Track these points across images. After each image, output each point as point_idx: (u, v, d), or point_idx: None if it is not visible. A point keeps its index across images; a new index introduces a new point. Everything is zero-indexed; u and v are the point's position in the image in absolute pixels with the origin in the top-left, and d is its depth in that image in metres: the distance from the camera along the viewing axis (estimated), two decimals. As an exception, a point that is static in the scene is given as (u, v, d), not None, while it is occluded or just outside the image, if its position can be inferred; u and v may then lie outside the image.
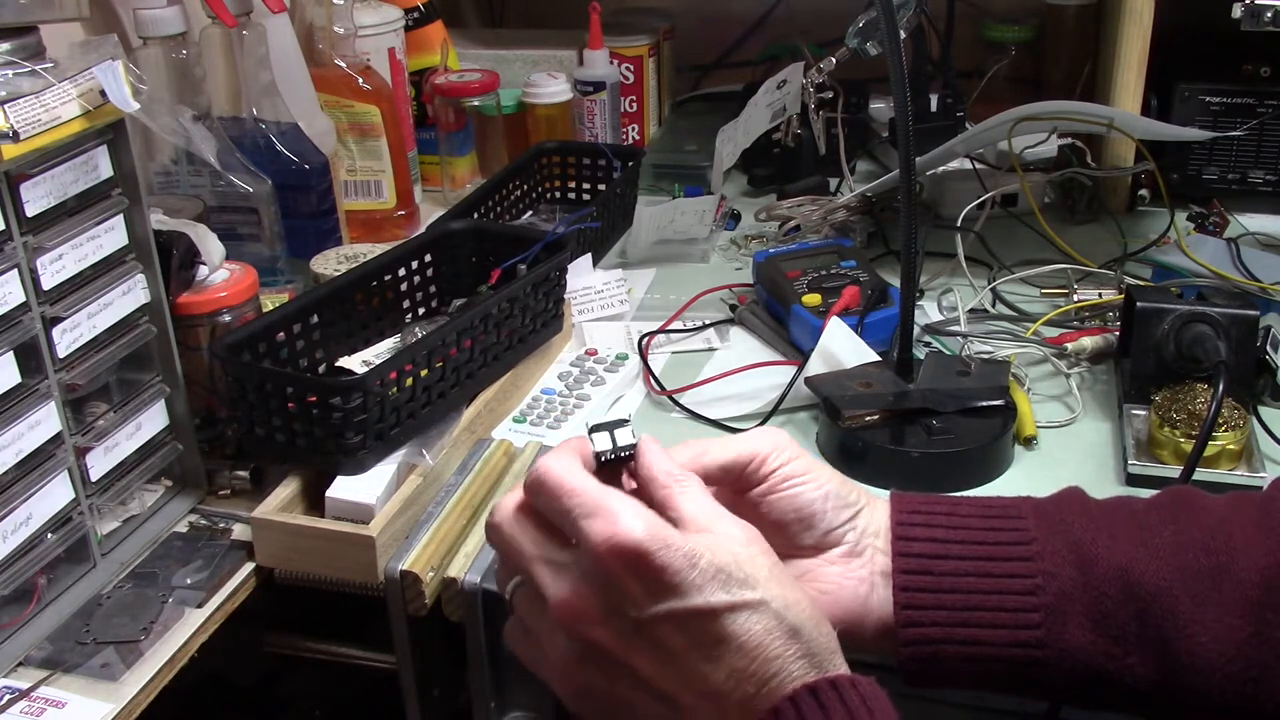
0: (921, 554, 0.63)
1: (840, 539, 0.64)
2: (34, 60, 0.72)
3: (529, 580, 0.57)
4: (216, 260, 0.90)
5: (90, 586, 0.80)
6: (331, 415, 0.81)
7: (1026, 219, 1.21)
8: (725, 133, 1.30)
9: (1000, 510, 0.64)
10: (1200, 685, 0.59)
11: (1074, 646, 0.60)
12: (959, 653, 0.61)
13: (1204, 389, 0.86)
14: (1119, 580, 0.60)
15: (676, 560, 0.53)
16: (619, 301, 1.13)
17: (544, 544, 0.57)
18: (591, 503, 0.54)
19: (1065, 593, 0.60)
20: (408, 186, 1.29)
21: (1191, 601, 0.59)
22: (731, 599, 0.53)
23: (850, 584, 0.63)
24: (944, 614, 0.61)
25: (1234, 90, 1.24)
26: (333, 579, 0.81)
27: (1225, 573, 0.59)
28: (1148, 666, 0.59)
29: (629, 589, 0.53)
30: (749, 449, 0.64)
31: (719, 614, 0.53)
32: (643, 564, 0.53)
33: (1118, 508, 0.64)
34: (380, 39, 1.30)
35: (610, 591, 0.54)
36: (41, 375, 0.75)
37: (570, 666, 0.57)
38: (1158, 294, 0.94)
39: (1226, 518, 0.62)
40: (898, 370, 0.91)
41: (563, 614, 0.55)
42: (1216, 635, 0.58)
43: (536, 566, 0.56)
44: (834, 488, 0.64)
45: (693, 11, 1.65)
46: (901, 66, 0.79)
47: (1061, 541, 0.62)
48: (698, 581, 0.53)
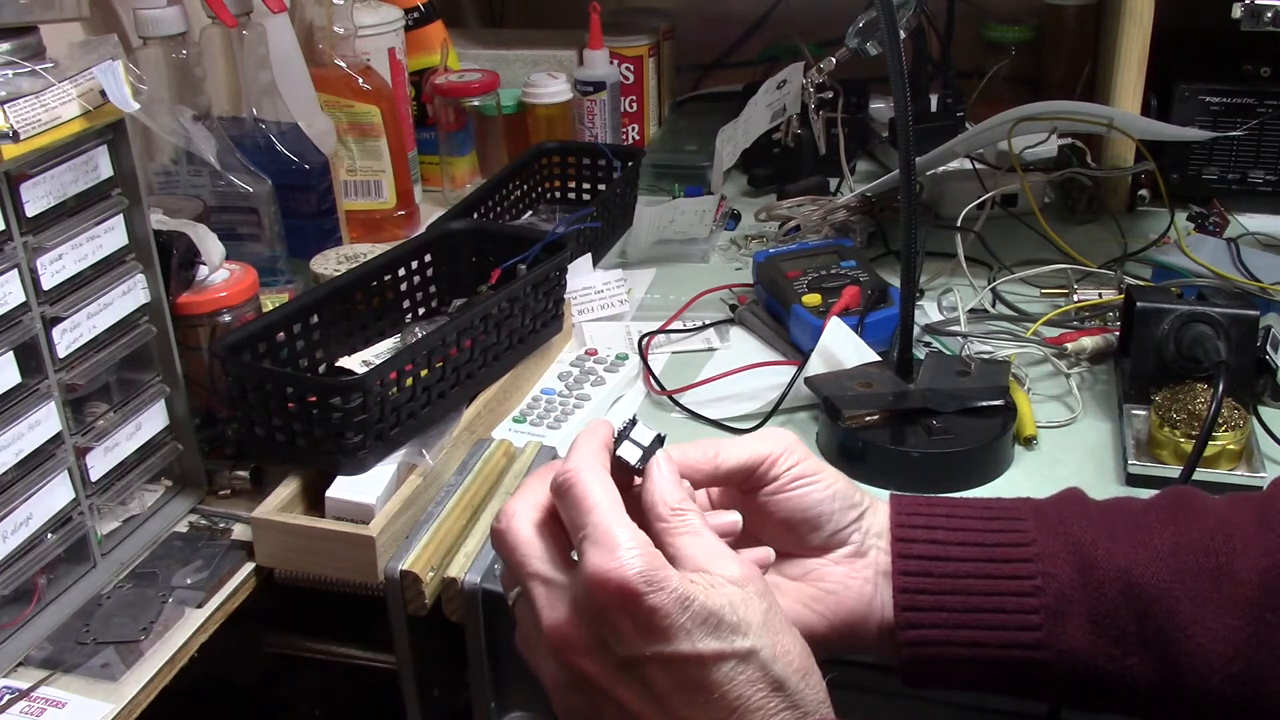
0: (921, 555, 0.63)
1: (846, 539, 0.64)
2: (34, 60, 0.72)
3: (525, 596, 0.57)
4: (216, 260, 0.90)
5: (90, 586, 0.80)
6: (331, 415, 0.81)
7: (1026, 219, 1.21)
8: (725, 133, 1.30)
9: (1000, 512, 0.64)
10: (1200, 686, 0.59)
11: (1074, 647, 0.60)
12: (959, 654, 0.61)
13: (1204, 389, 0.86)
14: (1119, 582, 0.60)
15: (668, 603, 0.52)
16: (619, 301, 1.13)
17: (545, 561, 0.57)
18: (601, 530, 0.54)
19: (1065, 594, 0.60)
20: (408, 186, 1.29)
21: (1191, 602, 0.59)
22: (720, 647, 0.53)
23: (855, 584, 0.63)
24: (944, 615, 0.61)
25: (1234, 90, 1.24)
26: (333, 579, 0.81)
27: (1224, 573, 0.59)
28: (1147, 667, 0.59)
29: (619, 626, 0.53)
30: (761, 450, 0.64)
31: (705, 662, 0.53)
32: (634, 604, 0.52)
33: (1117, 509, 0.64)
34: (380, 39, 1.30)
35: (600, 625, 0.54)
36: (41, 375, 0.74)
37: (558, 687, 0.57)
38: (1158, 294, 0.94)
39: (1226, 519, 0.62)
40: (898, 370, 0.91)
41: (553, 640, 0.55)
42: (1216, 636, 0.58)
43: (535, 585, 0.56)
44: (841, 488, 0.64)
45: (693, 11, 1.65)
46: (901, 66, 0.79)
47: (1061, 543, 0.62)
48: (687, 626, 0.53)
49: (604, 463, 0.58)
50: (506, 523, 0.58)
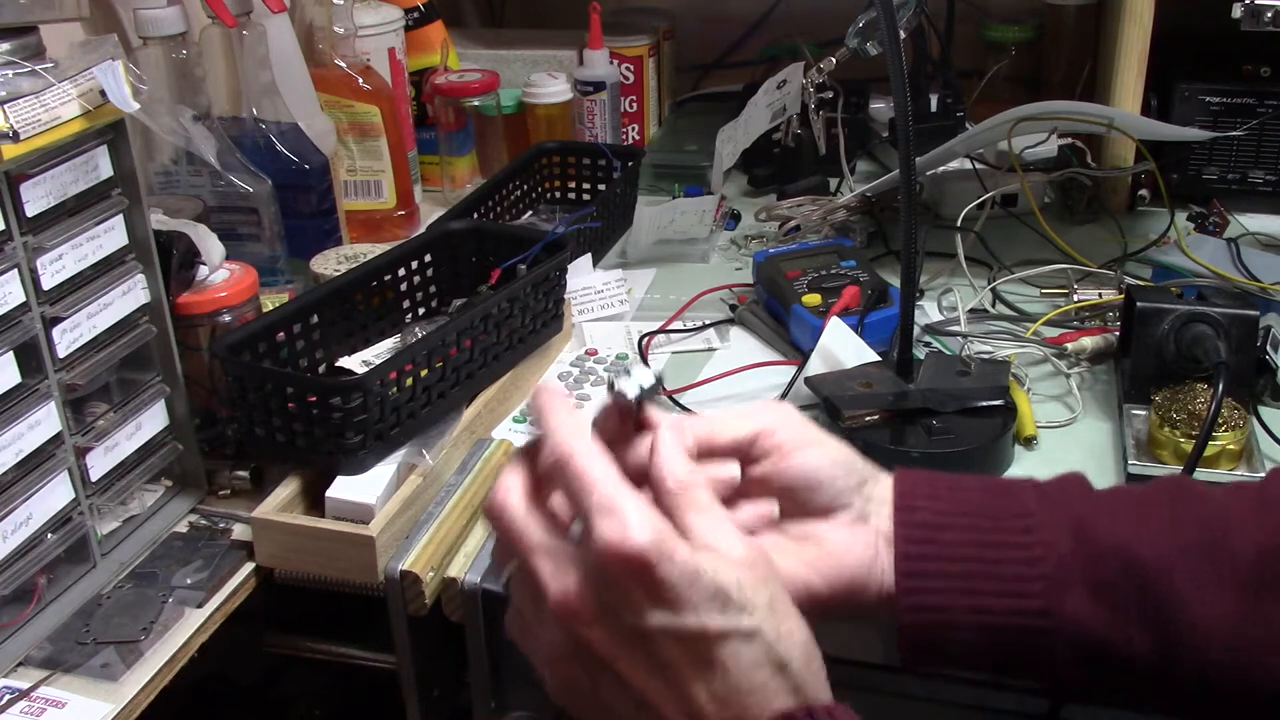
0: (924, 523, 0.63)
1: (848, 504, 0.65)
2: (34, 60, 0.72)
3: (527, 570, 0.57)
4: (216, 260, 0.90)
5: (90, 586, 0.80)
6: (331, 415, 0.81)
7: (1026, 219, 1.20)
8: (725, 133, 1.30)
9: (1002, 487, 0.66)
10: (1199, 658, 0.59)
11: (1074, 615, 0.60)
12: (959, 621, 0.62)
13: (1204, 389, 0.86)
14: (1118, 555, 0.61)
15: (678, 575, 0.53)
16: (619, 301, 1.13)
17: (546, 534, 0.56)
18: (609, 501, 0.54)
19: (1065, 563, 0.61)
20: (408, 186, 1.29)
21: (1189, 576, 0.60)
22: (726, 623, 0.53)
23: (857, 548, 0.64)
24: (944, 582, 0.62)
25: (1234, 90, 1.24)
26: (333, 579, 0.81)
27: (1221, 550, 0.60)
28: (1147, 639, 0.60)
29: (629, 595, 0.53)
30: (758, 425, 0.64)
31: (711, 637, 0.53)
32: (645, 574, 0.52)
33: (1117, 492, 0.66)
34: (380, 39, 1.30)
35: (609, 594, 0.54)
36: (41, 375, 0.75)
37: (559, 659, 0.57)
38: (1158, 294, 0.94)
39: (1224, 502, 0.63)
40: (898, 370, 0.91)
41: (560, 610, 0.55)
42: (1214, 610, 0.59)
43: (538, 558, 0.56)
44: (841, 455, 0.65)
45: (693, 11, 1.65)
46: (901, 66, 0.79)
47: (1061, 516, 0.63)
48: (695, 600, 0.53)
49: (585, 430, 0.58)
50: (502, 497, 0.57)
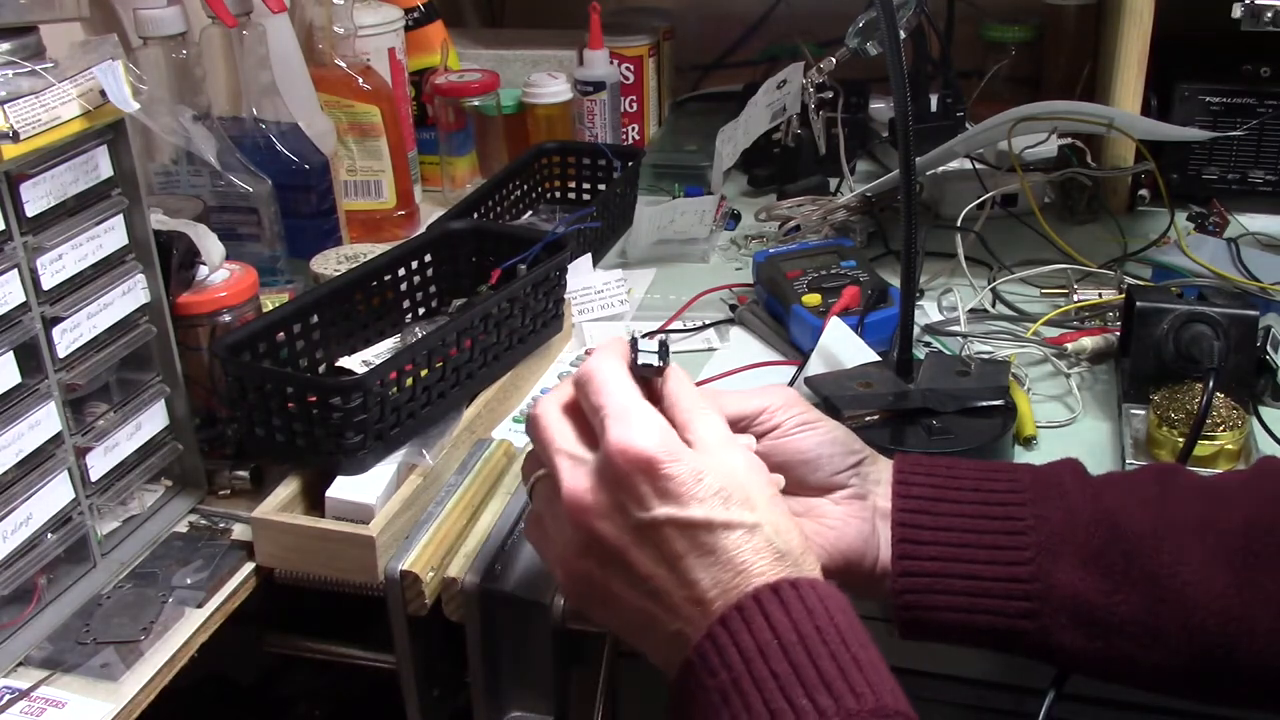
0: (920, 496, 0.67)
1: (845, 482, 0.68)
2: (34, 60, 0.72)
3: (549, 469, 0.61)
4: (216, 260, 0.90)
5: (90, 586, 0.80)
6: (331, 415, 0.81)
7: (1026, 219, 1.21)
8: (725, 133, 1.30)
9: (998, 468, 0.69)
10: (1186, 623, 0.61)
11: (1064, 582, 0.63)
12: (953, 586, 0.64)
13: (1202, 389, 0.86)
14: (1107, 524, 0.64)
15: (683, 472, 0.57)
16: (619, 301, 1.13)
17: (571, 439, 0.62)
18: (620, 407, 0.59)
19: (1055, 533, 0.64)
20: (408, 186, 1.29)
21: (1177, 545, 0.62)
22: (729, 517, 0.57)
23: (854, 523, 0.67)
24: (939, 549, 0.65)
25: (1234, 90, 1.24)
26: (333, 579, 0.81)
27: (1209, 523, 0.63)
28: (1134, 605, 0.62)
29: (637, 490, 0.57)
30: (761, 403, 0.69)
31: (715, 528, 0.57)
32: (652, 470, 0.57)
33: (1110, 475, 0.69)
34: (380, 39, 1.30)
35: (618, 490, 0.58)
36: (41, 375, 0.74)
37: (571, 555, 0.61)
38: (1158, 294, 0.94)
39: (1213, 482, 0.67)
40: (898, 370, 0.91)
41: (571, 504, 0.59)
42: (1202, 576, 0.61)
43: (559, 457, 0.61)
44: (840, 435, 0.69)
45: (693, 11, 1.65)
46: (901, 66, 0.79)
47: (1053, 491, 0.66)
48: (700, 495, 0.57)
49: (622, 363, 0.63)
50: (541, 407, 0.64)
